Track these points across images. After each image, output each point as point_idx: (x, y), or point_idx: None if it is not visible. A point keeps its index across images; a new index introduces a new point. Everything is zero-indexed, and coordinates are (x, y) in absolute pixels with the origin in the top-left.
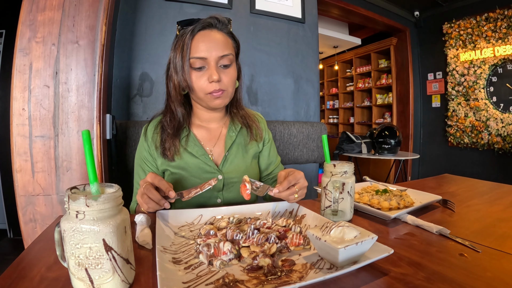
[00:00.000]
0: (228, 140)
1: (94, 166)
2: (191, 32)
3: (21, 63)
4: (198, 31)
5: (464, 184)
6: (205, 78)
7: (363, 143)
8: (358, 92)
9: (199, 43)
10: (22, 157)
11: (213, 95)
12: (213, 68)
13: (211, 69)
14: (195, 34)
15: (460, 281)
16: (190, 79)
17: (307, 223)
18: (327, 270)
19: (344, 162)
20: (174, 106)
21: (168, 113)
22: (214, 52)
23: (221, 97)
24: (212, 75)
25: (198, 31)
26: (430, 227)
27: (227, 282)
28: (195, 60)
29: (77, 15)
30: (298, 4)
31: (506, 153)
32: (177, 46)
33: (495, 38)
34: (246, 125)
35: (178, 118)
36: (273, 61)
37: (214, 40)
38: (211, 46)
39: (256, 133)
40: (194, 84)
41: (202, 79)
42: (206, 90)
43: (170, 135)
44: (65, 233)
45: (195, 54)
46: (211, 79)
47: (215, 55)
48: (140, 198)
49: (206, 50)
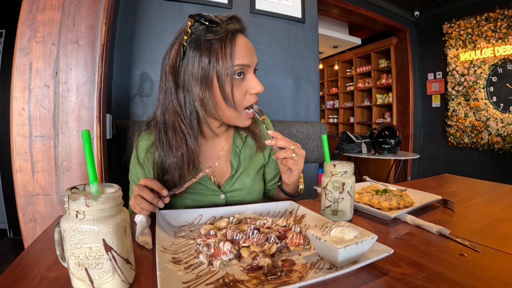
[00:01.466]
0: (233, 158)
1: (94, 166)
2: (232, 33)
3: (21, 63)
4: (238, 33)
5: (464, 184)
6: (243, 89)
7: (363, 143)
8: (358, 92)
9: (243, 48)
10: (22, 157)
11: (248, 113)
12: (255, 77)
13: (253, 78)
14: (237, 36)
15: (460, 281)
16: (233, 91)
17: (307, 223)
18: (327, 270)
19: (344, 162)
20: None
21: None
22: (254, 59)
23: (252, 118)
24: (256, 85)
25: (238, 34)
26: (430, 227)
27: (227, 282)
28: (239, 68)
29: (77, 15)
30: (298, 4)
31: (506, 153)
32: (212, 49)
33: (495, 38)
34: (252, 133)
35: (192, 148)
36: (273, 61)
37: (251, 46)
38: (251, 52)
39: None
40: (235, 96)
41: (242, 90)
42: (244, 103)
43: (179, 169)
44: (65, 233)
45: (240, 60)
46: (255, 90)
47: (255, 62)
48: (133, 201)
49: (248, 56)
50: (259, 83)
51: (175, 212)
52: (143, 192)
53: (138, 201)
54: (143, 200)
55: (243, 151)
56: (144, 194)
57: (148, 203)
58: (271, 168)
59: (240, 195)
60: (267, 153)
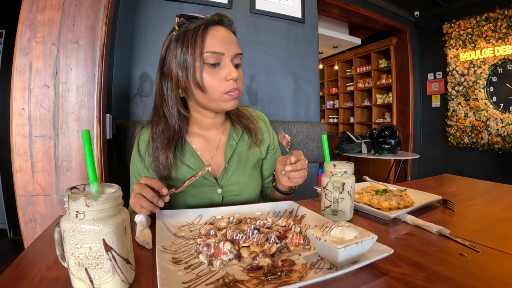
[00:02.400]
0: (228, 150)
1: (94, 166)
2: (204, 25)
3: (21, 63)
4: (212, 25)
5: (464, 184)
6: (220, 76)
7: (363, 143)
8: (358, 92)
9: (215, 38)
10: (22, 157)
11: (231, 95)
12: (230, 64)
13: (229, 66)
14: (209, 28)
15: (460, 281)
16: (202, 77)
17: (307, 223)
18: (327, 270)
19: (344, 162)
20: (170, 112)
21: (160, 121)
22: (231, 48)
23: (236, 98)
24: (231, 72)
25: (212, 26)
26: (430, 227)
27: (227, 282)
28: (210, 55)
29: (77, 15)
30: (298, 4)
31: (506, 153)
32: (186, 39)
33: (495, 38)
34: (247, 129)
35: (173, 126)
36: (273, 61)
37: (229, 37)
38: (227, 41)
39: (257, 136)
40: (207, 82)
41: (217, 77)
42: (221, 89)
43: (163, 149)
44: (65, 233)
45: (211, 48)
46: (230, 77)
47: (232, 51)
48: (133, 199)
49: (223, 45)
50: (234, 70)
51: (175, 212)
52: (144, 191)
53: (138, 200)
54: (143, 198)
55: (240, 145)
56: (144, 193)
57: (148, 202)
58: (269, 164)
59: (237, 189)
60: (265, 148)
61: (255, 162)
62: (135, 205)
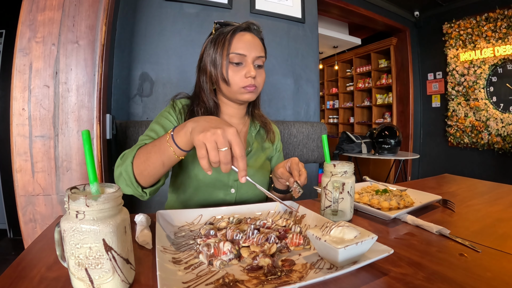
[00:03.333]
0: (250, 137)
1: (94, 166)
2: (233, 30)
3: (21, 63)
4: (239, 31)
5: (464, 184)
6: (242, 73)
7: (363, 143)
8: (358, 92)
9: (240, 41)
10: (22, 157)
11: (247, 89)
12: (251, 65)
13: (249, 65)
14: (237, 33)
15: (460, 281)
16: (227, 73)
17: (307, 223)
18: (327, 270)
19: (344, 162)
20: (207, 98)
21: (200, 103)
22: (252, 51)
23: (253, 92)
24: (250, 71)
25: (240, 31)
26: (430, 227)
27: (227, 282)
28: (235, 56)
29: (77, 15)
30: (298, 4)
31: (506, 153)
32: (218, 41)
33: (495, 38)
34: (265, 127)
35: (210, 108)
36: (273, 61)
37: (252, 41)
38: (250, 45)
39: (271, 134)
40: (230, 77)
41: (239, 74)
42: (240, 84)
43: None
44: (65, 233)
45: (235, 50)
46: (248, 74)
47: (253, 54)
48: (213, 140)
49: (245, 48)
50: (252, 70)
51: (175, 212)
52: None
53: (213, 154)
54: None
55: (257, 137)
56: (226, 153)
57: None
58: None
59: (250, 172)
60: (275, 146)
61: (268, 154)
62: (203, 148)
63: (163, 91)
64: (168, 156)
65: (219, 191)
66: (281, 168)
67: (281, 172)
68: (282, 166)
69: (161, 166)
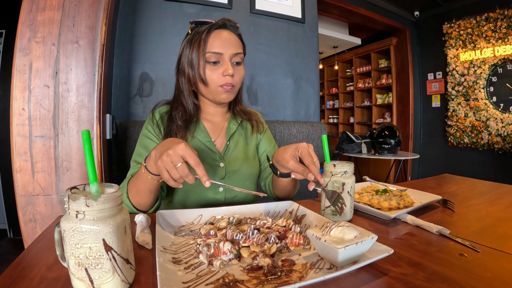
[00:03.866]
0: (228, 130)
1: (94, 166)
2: (208, 29)
3: (21, 63)
4: (214, 29)
5: (464, 184)
6: (219, 72)
7: (363, 143)
8: (358, 92)
9: (216, 40)
10: (22, 157)
11: (224, 88)
12: (228, 63)
13: (226, 64)
14: (212, 32)
15: (460, 281)
16: (205, 73)
17: (307, 223)
18: (327, 270)
19: (344, 162)
20: (186, 100)
21: (179, 106)
22: (229, 49)
23: (230, 92)
24: (227, 69)
25: (215, 29)
26: (430, 227)
27: (227, 282)
28: (211, 55)
29: (77, 15)
30: (298, 4)
31: (506, 153)
32: (193, 41)
33: (495, 38)
34: (248, 119)
35: (189, 111)
36: (273, 61)
37: (229, 39)
38: (226, 43)
39: (258, 126)
40: (208, 77)
41: (216, 73)
42: (218, 82)
43: (181, 127)
44: (65, 233)
45: (212, 49)
46: (226, 73)
47: (230, 51)
48: (168, 161)
49: (222, 46)
50: (230, 67)
51: (175, 212)
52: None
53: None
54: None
55: (239, 129)
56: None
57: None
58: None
59: (237, 165)
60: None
61: (255, 146)
62: (164, 170)
63: (163, 91)
64: (150, 183)
65: (208, 191)
66: (291, 161)
67: (293, 165)
68: (291, 158)
69: (149, 192)
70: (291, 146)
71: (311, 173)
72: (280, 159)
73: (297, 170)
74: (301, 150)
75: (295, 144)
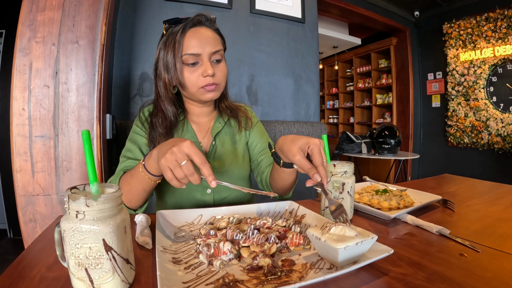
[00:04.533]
0: (214, 130)
1: (94, 166)
2: (182, 29)
3: (21, 63)
4: (189, 28)
5: (464, 184)
6: (198, 73)
7: (363, 143)
8: (358, 92)
9: (192, 40)
10: (22, 157)
11: (206, 88)
12: (207, 63)
13: (205, 64)
14: (187, 32)
15: (460, 281)
16: (182, 76)
17: (307, 223)
18: (327, 270)
19: (344, 162)
20: (165, 106)
21: (159, 113)
22: (207, 48)
23: (214, 91)
24: (207, 69)
25: (189, 28)
26: (430, 227)
27: (227, 282)
28: (188, 57)
29: (77, 15)
30: (298, 4)
31: (506, 153)
32: (168, 44)
33: (495, 38)
34: (235, 116)
35: (170, 117)
36: (273, 61)
37: (205, 37)
38: (203, 42)
39: (247, 123)
40: (187, 79)
41: (195, 74)
42: (199, 84)
43: (162, 134)
44: (65, 233)
45: (188, 50)
46: (205, 74)
47: (208, 50)
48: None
49: (199, 46)
50: (209, 68)
51: (175, 212)
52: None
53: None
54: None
55: (226, 129)
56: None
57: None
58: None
59: (225, 165)
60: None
61: (243, 144)
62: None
63: None
64: (146, 183)
65: (195, 193)
66: (298, 155)
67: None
68: (298, 152)
69: (143, 191)
70: (301, 139)
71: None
72: (286, 149)
73: (303, 167)
74: (312, 147)
75: (307, 137)
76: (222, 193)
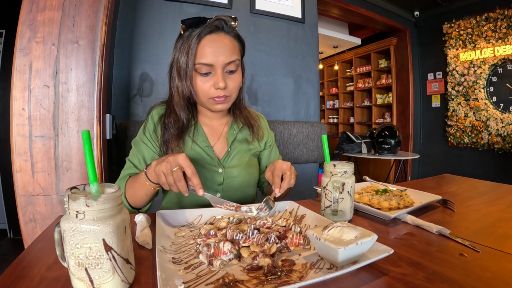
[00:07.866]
0: (229, 137)
1: (94, 166)
2: (197, 35)
3: (21, 63)
4: (205, 35)
5: (464, 184)
6: (210, 83)
7: (363, 143)
8: (358, 92)
9: (206, 48)
10: (22, 157)
11: (216, 100)
12: (220, 75)
13: (218, 75)
14: (202, 38)
15: (460, 281)
16: (195, 84)
17: (307, 223)
18: (327, 270)
19: (344, 162)
20: (178, 110)
21: (172, 114)
22: (221, 58)
23: (224, 103)
24: (218, 82)
25: (205, 35)
26: (430, 227)
27: (227, 282)
28: (201, 66)
29: (77, 15)
30: (298, 4)
31: (506, 153)
32: (182, 48)
33: (495, 38)
34: (248, 125)
35: (182, 120)
36: (273, 61)
37: (221, 46)
38: (218, 51)
39: (258, 133)
40: (199, 88)
41: (207, 85)
42: (209, 94)
43: (174, 136)
44: (65, 233)
45: (202, 59)
46: (217, 86)
47: (222, 61)
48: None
49: (213, 55)
50: (221, 80)
51: (175, 212)
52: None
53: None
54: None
55: (240, 136)
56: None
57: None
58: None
59: (236, 171)
60: (263, 143)
61: (255, 153)
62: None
63: (163, 91)
64: (148, 189)
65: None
66: (268, 172)
67: (268, 177)
68: (268, 170)
69: (145, 195)
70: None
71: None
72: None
73: (269, 181)
74: (274, 167)
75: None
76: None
